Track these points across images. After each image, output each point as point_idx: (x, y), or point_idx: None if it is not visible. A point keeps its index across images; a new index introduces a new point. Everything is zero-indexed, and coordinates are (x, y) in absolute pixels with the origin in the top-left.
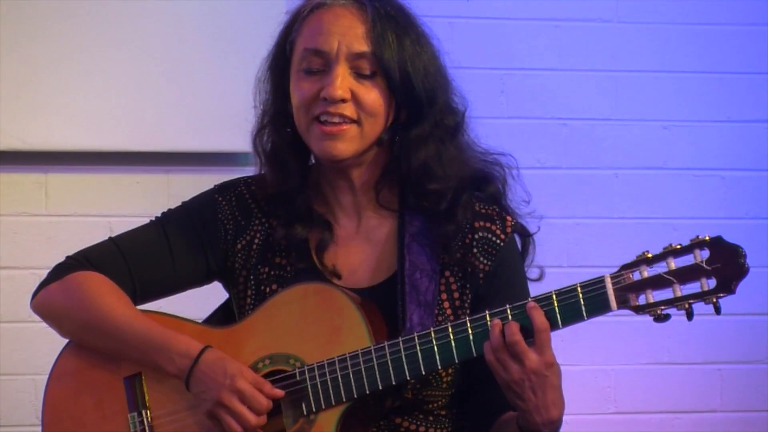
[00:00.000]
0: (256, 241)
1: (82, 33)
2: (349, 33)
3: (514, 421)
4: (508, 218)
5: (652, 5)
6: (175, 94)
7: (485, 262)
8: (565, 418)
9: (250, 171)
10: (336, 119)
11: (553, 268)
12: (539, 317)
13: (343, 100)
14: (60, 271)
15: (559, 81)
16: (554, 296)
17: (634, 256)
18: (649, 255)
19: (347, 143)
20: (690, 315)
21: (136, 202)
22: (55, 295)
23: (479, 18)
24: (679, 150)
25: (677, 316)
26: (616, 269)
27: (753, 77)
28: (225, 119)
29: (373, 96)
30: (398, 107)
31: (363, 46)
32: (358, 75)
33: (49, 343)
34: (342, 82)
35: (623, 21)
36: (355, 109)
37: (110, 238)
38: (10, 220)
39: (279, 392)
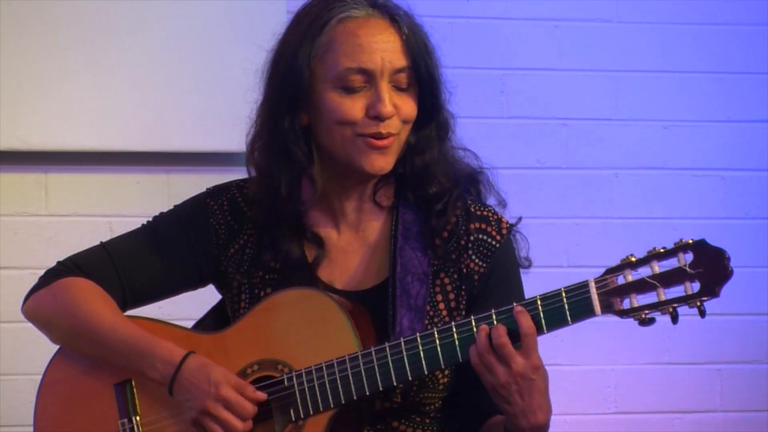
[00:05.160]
0: (250, 244)
1: (82, 33)
2: (389, 48)
3: (501, 425)
4: (504, 220)
5: (653, 5)
6: (175, 94)
7: (480, 263)
8: (565, 418)
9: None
10: (385, 135)
11: (553, 268)
12: (526, 321)
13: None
14: (49, 277)
15: (559, 81)
16: (539, 301)
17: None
18: (634, 259)
19: (392, 155)
20: (674, 319)
21: (136, 202)
22: (44, 301)
23: (479, 18)
24: (679, 150)
25: (680, 316)
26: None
27: (753, 77)
28: (225, 119)
29: (411, 106)
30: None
31: (403, 61)
32: (397, 87)
33: (48, 344)
34: (390, 99)
35: (623, 21)
36: (398, 122)
37: (101, 244)
38: (10, 220)
39: (261, 395)
